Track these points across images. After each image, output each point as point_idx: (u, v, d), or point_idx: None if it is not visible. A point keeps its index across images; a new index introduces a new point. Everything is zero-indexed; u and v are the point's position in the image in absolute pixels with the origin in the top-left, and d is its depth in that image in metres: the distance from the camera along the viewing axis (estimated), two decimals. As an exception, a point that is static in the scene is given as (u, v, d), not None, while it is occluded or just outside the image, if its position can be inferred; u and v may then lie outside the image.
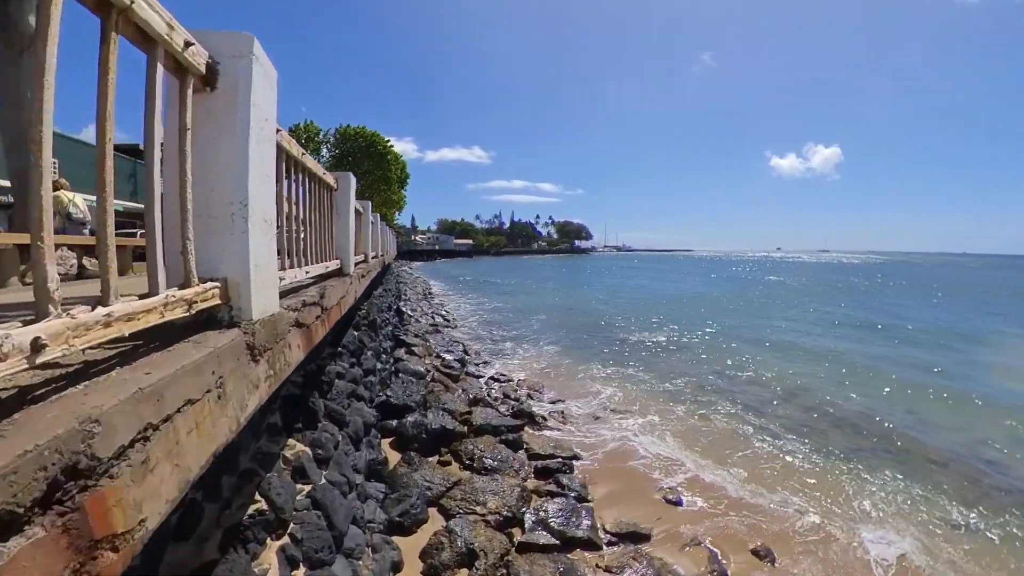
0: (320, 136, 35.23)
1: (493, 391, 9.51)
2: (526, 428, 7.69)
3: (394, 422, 6.82)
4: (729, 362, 12.95)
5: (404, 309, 17.67)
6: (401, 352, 10.90)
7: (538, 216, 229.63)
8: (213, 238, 1.94)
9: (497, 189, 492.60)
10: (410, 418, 6.76)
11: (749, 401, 9.73)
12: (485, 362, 12.00)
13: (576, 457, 6.84)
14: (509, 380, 10.57)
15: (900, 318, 22.14)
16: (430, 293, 30.01)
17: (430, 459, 6.13)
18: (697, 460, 7.05)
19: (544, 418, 8.33)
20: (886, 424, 8.61)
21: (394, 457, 6.05)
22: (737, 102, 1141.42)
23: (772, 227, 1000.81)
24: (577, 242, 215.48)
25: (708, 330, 17.93)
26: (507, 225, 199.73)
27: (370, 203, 10.48)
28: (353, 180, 6.41)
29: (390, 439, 6.67)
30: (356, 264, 6.80)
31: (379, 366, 8.71)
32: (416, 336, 13.04)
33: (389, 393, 7.89)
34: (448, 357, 11.40)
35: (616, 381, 11.19)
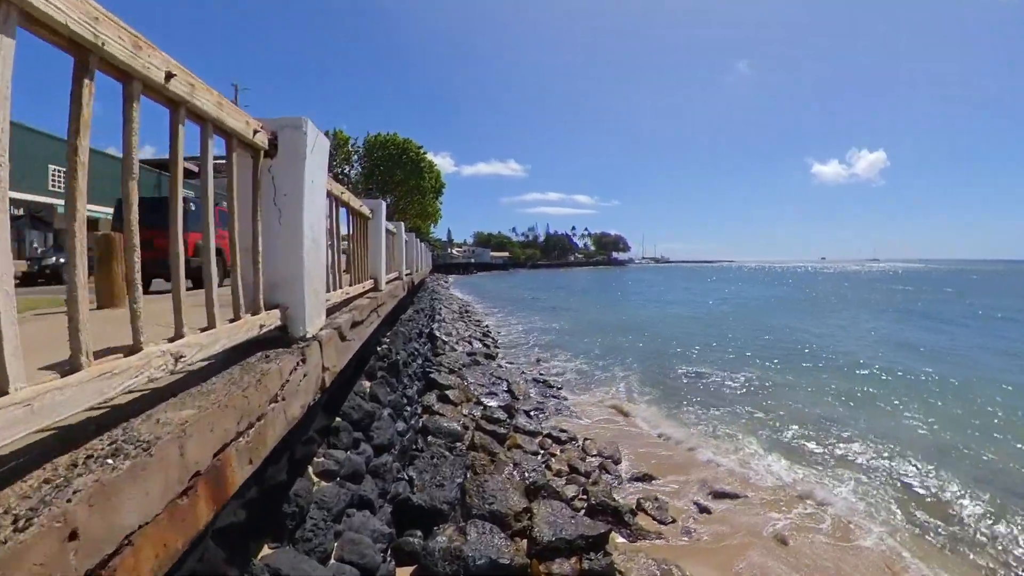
0: (350, 145, 33.65)
1: (554, 461, 7.00)
2: (613, 532, 5.18)
3: (417, 539, 4.41)
4: (852, 404, 10.04)
5: (438, 333, 15.39)
6: (432, 398, 8.53)
7: (574, 228, 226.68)
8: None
9: (532, 202, 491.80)
10: (440, 539, 4.33)
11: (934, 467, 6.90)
12: (538, 408, 9.50)
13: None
14: (572, 438, 8.03)
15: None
16: (467, 311, 27.76)
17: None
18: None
19: (633, 512, 5.78)
20: None
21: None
22: (775, 110, 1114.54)
23: (815, 236, 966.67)
24: (614, 254, 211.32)
25: (805, 362, 14.90)
26: (543, 237, 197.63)
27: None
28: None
29: (410, 568, 4.27)
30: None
31: (400, 428, 6.35)
32: (451, 372, 10.67)
33: (412, 474, 5.53)
34: (492, 404, 8.96)
35: (706, 434, 8.54)
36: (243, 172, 1.88)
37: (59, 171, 21.77)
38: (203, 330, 1.45)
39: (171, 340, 1.28)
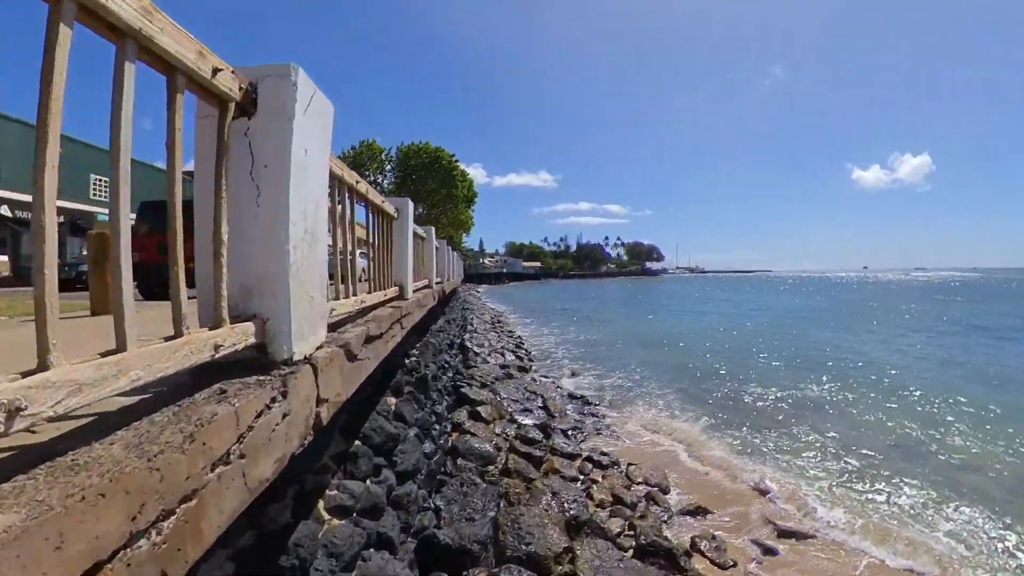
0: (383, 155, 33.74)
1: (596, 489, 6.34)
2: (666, 579, 4.51)
3: (443, 585, 3.85)
4: (912, 432, 8.99)
5: (470, 344, 14.89)
6: (463, 415, 7.99)
7: (607, 238, 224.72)
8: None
9: (563, 212, 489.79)
10: (471, 589, 3.75)
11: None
12: (575, 427, 8.84)
13: None
14: (614, 463, 7.34)
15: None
16: (499, 321, 27.25)
17: None
18: None
19: (688, 553, 5.07)
20: None
21: None
22: (812, 114, 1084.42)
23: (857, 244, 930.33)
24: (648, 264, 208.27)
25: (856, 381, 13.74)
26: (574, 247, 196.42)
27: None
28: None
29: (434, 619, 3.71)
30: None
31: (427, 450, 5.82)
32: (484, 386, 10.12)
33: (439, 504, 4.99)
34: (527, 422, 8.35)
35: (761, 460, 7.73)
36: (204, 132, 1.38)
37: (100, 180, 22.39)
38: (104, 355, 0.92)
39: (22, 375, 0.76)
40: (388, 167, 33.62)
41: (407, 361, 7.14)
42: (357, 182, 2.76)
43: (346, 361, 1.99)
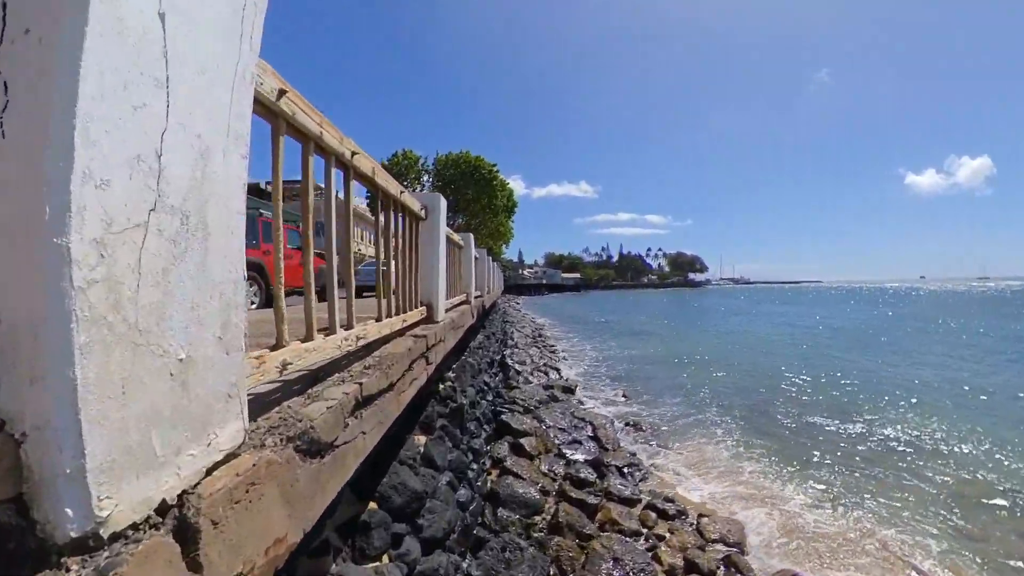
0: (420, 164, 33.36)
1: (663, 549, 5.26)
2: None
3: None
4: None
5: (511, 362, 13.97)
6: (504, 448, 7.06)
7: (649, 249, 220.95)
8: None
9: (603, 223, 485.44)
10: None
11: None
12: (631, 463, 7.73)
13: None
14: (681, 512, 6.24)
15: None
16: (540, 335, 26.24)
17: None
18: None
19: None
20: None
21: None
22: (860, 119, 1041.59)
23: (913, 252, 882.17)
24: (691, 275, 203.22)
25: (951, 408, 12.01)
26: (615, 258, 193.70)
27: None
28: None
29: None
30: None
31: (463, 497, 4.92)
32: (526, 411, 9.17)
33: (476, 574, 4.08)
34: (577, 457, 7.34)
35: (859, 511, 6.47)
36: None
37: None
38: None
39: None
40: (426, 177, 33.24)
41: (441, 387, 6.28)
42: (354, 153, 1.90)
43: (301, 463, 1.12)
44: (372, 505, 3.44)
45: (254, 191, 30.93)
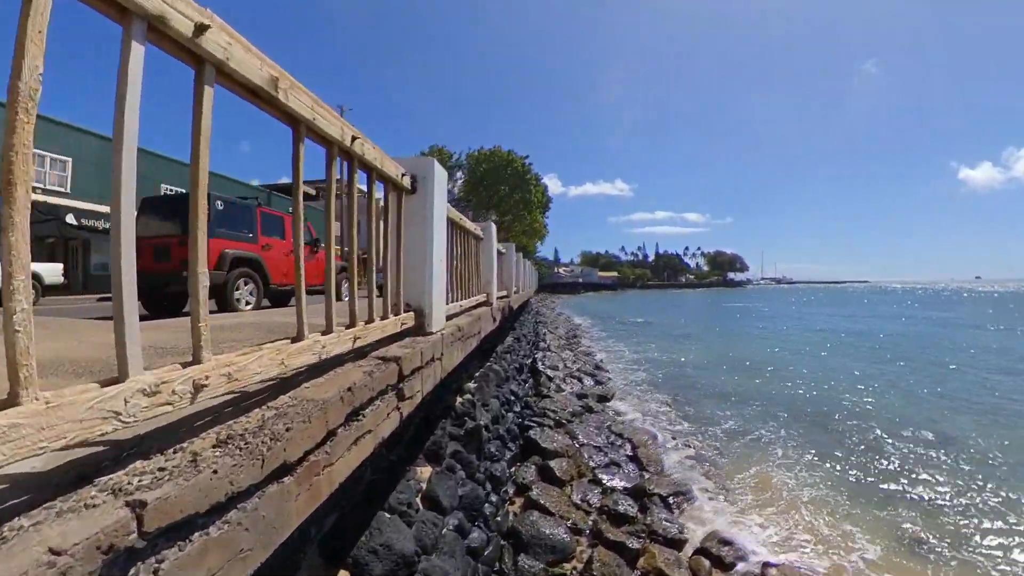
0: (452, 161, 32.66)
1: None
2: None
3: None
4: None
5: (541, 367, 13.03)
6: (531, 472, 6.15)
7: (687, 248, 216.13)
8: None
9: (639, 221, 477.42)
10: None
11: None
12: (679, 491, 6.68)
13: None
14: (741, 557, 5.19)
15: None
16: (574, 336, 25.18)
17: None
18: None
19: None
20: None
21: None
22: (909, 111, 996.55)
23: (967, 251, 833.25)
24: (730, 274, 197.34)
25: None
26: (652, 257, 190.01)
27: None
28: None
29: None
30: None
31: (475, 543, 4.03)
32: (558, 424, 8.23)
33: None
34: (615, 483, 6.37)
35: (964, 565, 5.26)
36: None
37: (170, 190, 22.82)
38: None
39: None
40: (458, 174, 32.55)
41: (459, 401, 5.39)
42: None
43: None
44: (343, 574, 2.59)
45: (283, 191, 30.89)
